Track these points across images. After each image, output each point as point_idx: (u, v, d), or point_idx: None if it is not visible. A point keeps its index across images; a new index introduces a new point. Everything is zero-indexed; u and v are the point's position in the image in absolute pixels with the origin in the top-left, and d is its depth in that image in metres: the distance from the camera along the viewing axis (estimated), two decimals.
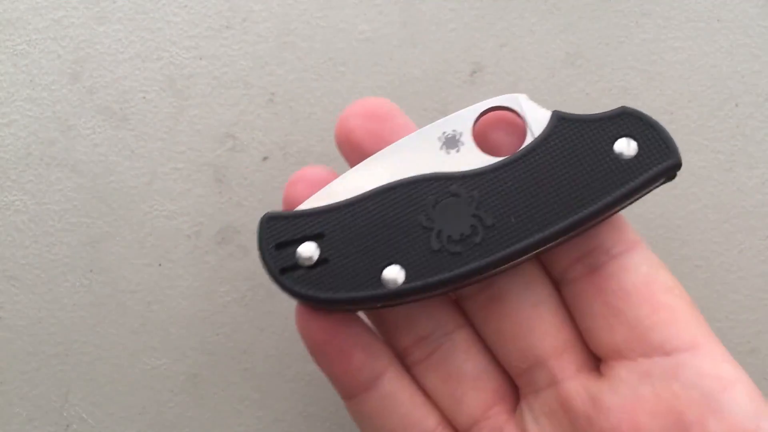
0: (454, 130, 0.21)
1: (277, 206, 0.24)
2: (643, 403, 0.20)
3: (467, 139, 0.21)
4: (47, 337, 0.28)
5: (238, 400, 0.29)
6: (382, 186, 0.21)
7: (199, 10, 0.29)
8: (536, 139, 0.21)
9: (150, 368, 0.29)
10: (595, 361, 0.22)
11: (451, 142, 0.21)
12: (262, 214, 0.24)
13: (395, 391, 0.22)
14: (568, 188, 0.20)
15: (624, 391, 0.20)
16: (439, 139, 0.21)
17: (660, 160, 0.20)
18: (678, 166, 0.21)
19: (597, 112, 0.21)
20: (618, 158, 0.20)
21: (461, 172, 0.21)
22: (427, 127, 0.22)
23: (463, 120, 0.21)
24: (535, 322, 0.22)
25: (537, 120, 0.21)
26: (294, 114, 0.29)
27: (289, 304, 0.29)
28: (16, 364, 0.28)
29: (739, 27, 0.30)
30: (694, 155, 0.30)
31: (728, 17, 0.30)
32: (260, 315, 0.29)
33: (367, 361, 0.22)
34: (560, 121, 0.21)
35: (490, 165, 0.21)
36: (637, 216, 0.30)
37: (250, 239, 0.29)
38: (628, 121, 0.21)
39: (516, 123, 0.22)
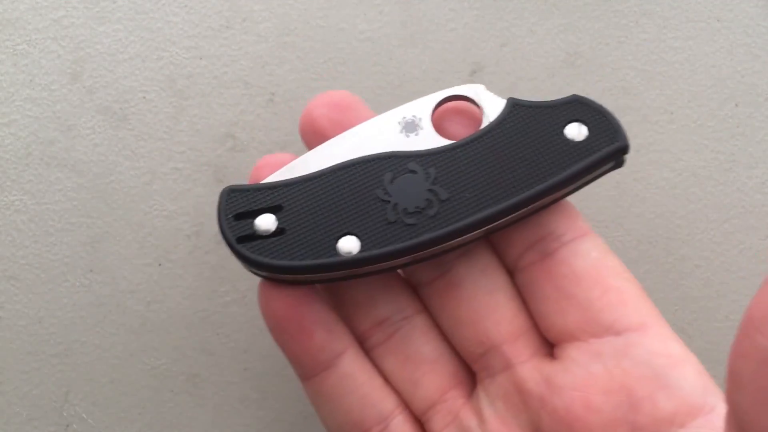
0: (413, 116, 0.22)
1: None
2: (594, 381, 0.20)
3: (426, 124, 0.22)
4: (47, 337, 0.28)
5: (238, 400, 0.29)
6: (342, 162, 0.22)
7: (199, 10, 0.29)
8: (492, 122, 0.22)
9: (150, 368, 0.29)
10: (549, 347, 0.23)
11: (410, 127, 0.22)
12: None
13: (354, 372, 0.23)
14: (520, 168, 0.21)
15: (576, 370, 0.21)
16: (399, 123, 0.22)
17: (608, 143, 0.21)
18: (625, 149, 0.21)
19: None
20: (568, 141, 0.21)
21: (419, 150, 0.22)
22: (388, 112, 0.23)
23: (422, 106, 0.23)
24: (490, 309, 0.22)
25: (493, 108, 0.22)
26: (294, 114, 0.29)
27: None
28: (16, 364, 0.28)
29: (739, 27, 0.30)
30: (694, 155, 0.30)
31: (728, 17, 0.30)
32: (260, 315, 0.29)
33: (328, 340, 0.22)
34: (515, 107, 0.22)
35: (446, 145, 0.22)
36: (637, 216, 0.30)
37: None
38: (579, 107, 0.22)
39: (473, 112, 0.23)
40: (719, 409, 0.19)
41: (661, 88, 0.30)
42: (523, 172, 0.21)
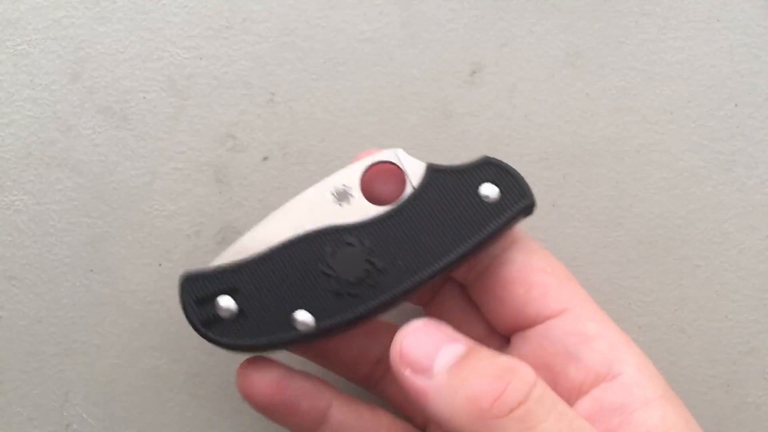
0: (344, 185, 0.24)
1: (276, 206, 0.24)
2: (526, 362, 0.23)
3: (356, 193, 0.24)
4: (47, 337, 0.28)
5: (238, 400, 0.29)
6: (286, 240, 0.24)
7: (199, 10, 0.29)
8: (415, 190, 0.24)
9: (150, 368, 0.29)
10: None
11: (342, 196, 0.24)
12: (262, 214, 0.24)
13: (343, 418, 0.25)
14: (443, 231, 0.24)
15: (514, 354, 0.25)
16: (332, 193, 0.24)
17: (517, 200, 0.24)
18: (532, 206, 0.24)
19: (594, 114, 0.22)
20: (482, 202, 0.24)
21: (353, 223, 0.24)
22: (320, 183, 0.24)
23: (350, 175, 0.24)
24: (460, 326, 0.25)
25: (414, 171, 0.24)
26: (294, 114, 0.29)
27: None
28: (16, 364, 0.28)
29: (739, 27, 0.30)
30: (694, 155, 0.30)
31: (728, 17, 0.30)
32: None
33: (313, 403, 0.24)
34: (434, 173, 0.24)
35: (377, 215, 0.24)
36: (637, 216, 0.30)
37: None
38: (490, 168, 0.24)
39: (396, 172, 0.25)
40: (624, 376, 0.23)
41: (661, 88, 0.30)
42: (446, 235, 0.24)
